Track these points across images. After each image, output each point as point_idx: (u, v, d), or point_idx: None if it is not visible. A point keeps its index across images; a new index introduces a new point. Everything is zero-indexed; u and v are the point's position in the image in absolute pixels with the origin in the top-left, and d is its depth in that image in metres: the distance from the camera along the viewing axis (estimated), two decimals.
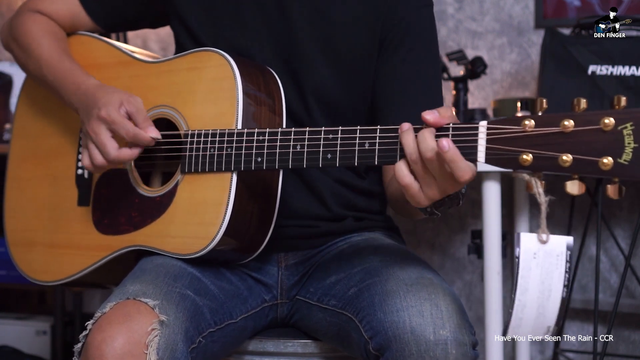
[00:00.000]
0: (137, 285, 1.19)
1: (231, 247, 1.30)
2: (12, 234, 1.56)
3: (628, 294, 2.45)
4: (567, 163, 0.97)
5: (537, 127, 0.99)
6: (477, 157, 1.03)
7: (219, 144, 1.27)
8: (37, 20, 1.51)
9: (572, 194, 0.99)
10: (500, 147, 1.01)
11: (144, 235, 1.34)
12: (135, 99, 1.31)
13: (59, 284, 1.48)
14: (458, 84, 2.32)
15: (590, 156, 0.95)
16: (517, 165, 1.00)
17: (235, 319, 1.31)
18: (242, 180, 1.26)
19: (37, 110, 1.57)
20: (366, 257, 1.32)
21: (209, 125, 1.29)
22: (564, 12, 2.50)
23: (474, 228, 2.48)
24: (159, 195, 1.34)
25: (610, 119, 0.94)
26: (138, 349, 1.09)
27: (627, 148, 0.94)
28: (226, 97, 1.29)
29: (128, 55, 1.46)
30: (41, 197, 1.52)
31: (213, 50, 1.33)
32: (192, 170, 1.30)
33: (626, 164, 0.94)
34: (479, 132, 1.03)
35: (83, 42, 1.53)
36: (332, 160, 1.16)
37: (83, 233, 1.43)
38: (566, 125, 0.96)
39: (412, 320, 1.12)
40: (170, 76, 1.37)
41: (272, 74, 1.35)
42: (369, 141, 1.13)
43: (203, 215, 1.27)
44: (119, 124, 1.28)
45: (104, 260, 1.39)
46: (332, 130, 1.16)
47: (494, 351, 1.94)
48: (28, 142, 1.57)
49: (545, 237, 1.02)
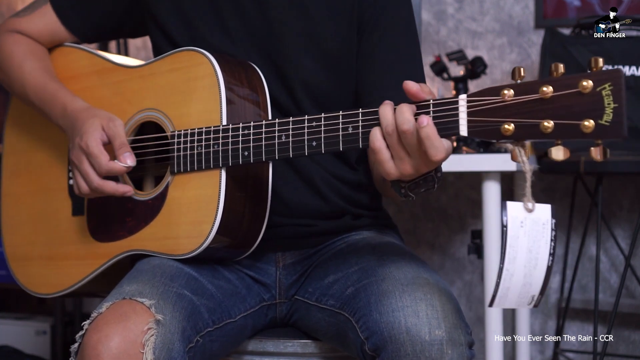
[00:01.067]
0: (134, 286, 1.19)
1: (226, 243, 1.30)
2: (11, 249, 1.57)
3: (628, 294, 2.45)
4: (549, 129, 0.96)
5: (516, 96, 0.99)
6: (459, 131, 1.03)
7: (205, 142, 1.27)
8: (17, 41, 1.51)
9: (557, 159, 0.98)
10: (481, 118, 1.01)
11: (139, 239, 1.34)
12: (114, 123, 1.32)
13: (60, 295, 1.48)
14: (458, 84, 2.32)
15: (571, 120, 0.95)
16: (500, 136, 1.00)
17: (234, 318, 1.31)
18: (231, 176, 1.26)
19: (25, 126, 1.58)
20: (363, 256, 1.32)
21: (195, 124, 1.30)
22: (564, 12, 2.50)
23: (474, 228, 2.48)
24: (151, 198, 1.34)
25: (589, 81, 0.94)
26: (134, 349, 1.09)
27: (607, 109, 0.93)
28: (209, 94, 1.29)
29: (110, 62, 1.46)
30: (36, 210, 1.53)
31: (193, 49, 1.33)
32: (181, 170, 1.30)
33: (607, 124, 0.93)
34: (459, 106, 1.03)
35: (65, 53, 1.53)
36: (318, 147, 1.16)
37: (80, 242, 1.44)
38: (545, 91, 0.96)
39: (408, 320, 1.12)
40: (153, 79, 1.38)
41: (254, 69, 1.35)
42: (352, 125, 1.13)
43: (195, 214, 1.27)
44: (94, 157, 1.29)
45: (102, 267, 1.39)
46: (315, 117, 1.16)
47: (494, 351, 1.94)
48: (19, 158, 1.58)
49: (531, 205, 1.01)
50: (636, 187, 2.45)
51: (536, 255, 1.01)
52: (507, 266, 1.01)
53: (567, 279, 2.47)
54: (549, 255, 1.01)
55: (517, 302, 1.03)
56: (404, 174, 1.08)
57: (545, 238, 1.01)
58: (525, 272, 1.01)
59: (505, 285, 1.02)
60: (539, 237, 1.01)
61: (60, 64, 1.52)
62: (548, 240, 1.01)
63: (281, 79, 1.39)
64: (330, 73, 1.40)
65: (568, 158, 0.99)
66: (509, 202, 1.01)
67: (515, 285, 1.02)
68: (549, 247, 1.01)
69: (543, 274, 1.02)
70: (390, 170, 1.08)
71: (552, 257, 1.01)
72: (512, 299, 1.03)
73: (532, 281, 1.02)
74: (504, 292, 1.02)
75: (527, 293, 1.03)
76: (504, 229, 1.01)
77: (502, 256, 1.01)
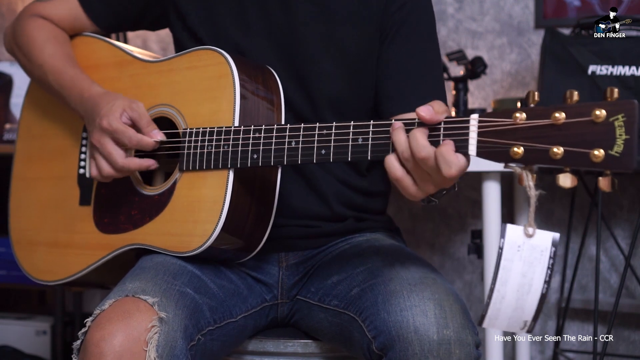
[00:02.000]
0: (137, 283, 1.19)
1: (229, 245, 1.30)
2: (17, 233, 1.57)
3: (628, 294, 2.45)
4: (558, 155, 0.96)
5: (528, 120, 0.98)
6: (468, 150, 1.03)
7: (216, 142, 1.27)
8: (39, 26, 1.51)
9: (564, 187, 0.98)
10: (491, 140, 1.01)
11: (143, 233, 1.34)
12: (136, 104, 1.32)
13: (61, 283, 1.48)
14: (458, 84, 2.32)
15: (581, 148, 0.95)
16: (509, 159, 1.00)
17: (235, 318, 1.31)
18: (239, 178, 1.26)
19: (42, 112, 1.58)
20: (368, 257, 1.32)
21: (207, 123, 1.30)
22: (564, 12, 2.50)
23: (474, 228, 2.48)
24: (158, 193, 1.34)
25: (602, 111, 0.94)
26: (137, 346, 1.09)
27: (619, 140, 0.93)
28: (224, 94, 1.29)
29: (129, 55, 1.47)
30: (45, 197, 1.53)
31: (212, 48, 1.33)
32: (190, 168, 1.30)
33: (617, 155, 0.93)
34: (470, 125, 1.03)
35: (86, 42, 1.54)
36: (326, 155, 1.16)
37: (84, 232, 1.44)
38: (557, 117, 0.96)
39: (416, 319, 1.12)
40: (170, 75, 1.38)
41: (271, 72, 1.35)
42: (362, 136, 1.13)
43: (200, 212, 1.27)
44: (121, 132, 1.29)
45: (104, 259, 1.39)
46: (327, 126, 1.16)
47: (494, 351, 1.94)
48: (33, 143, 1.59)
49: (532, 230, 1.01)
50: (636, 187, 2.45)
51: (530, 281, 1.01)
52: (498, 287, 1.01)
53: (567, 279, 2.47)
54: (544, 282, 1.01)
55: (508, 325, 1.03)
56: (427, 193, 1.08)
57: (542, 265, 1.01)
58: (518, 297, 1.01)
59: (495, 307, 1.02)
60: (536, 264, 1.01)
61: (80, 53, 1.52)
62: (544, 268, 1.01)
63: (299, 80, 1.39)
64: (349, 78, 1.40)
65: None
66: (509, 225, 1.01)
67: (507, 308, 1.02)
68: (544, 275, 1.01)
69: (536, 300, 1.01)
70: (414, 193, 1.08)
71: (547, 284, 1.01)
72: (503, 322, 1.03)
73: (525, 306, 1.01)
74: (495, 313, 1.02)
75: (519, 317, 1.02)
76: (499, 251, 1.01)
77: (494, 277, 1.01)
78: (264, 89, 1.32)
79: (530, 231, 1.01)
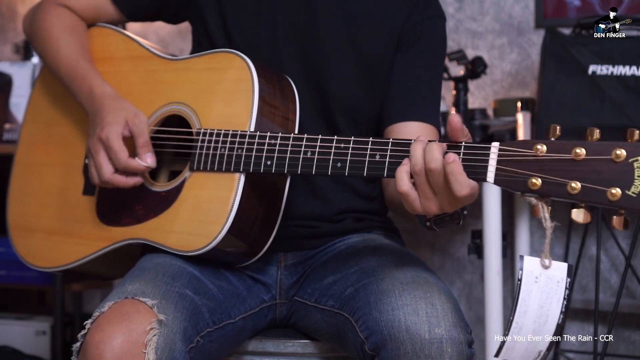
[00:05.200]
0: (136, 285, 1.19)
1: (232, 248, 1.30)
2: (14, 217, 1.55)
3: (628, 294, 2.44)
4: (576, 190, 0.97)
5: (548, 153, 0.99)
6: (486, 177, 1.04)
7: (230, 144, 1.27)
8: (60, 14, 1.51)
9: (577, 221, 1.00)
10: (510, 169, 1.02)
11: (146, 229, 1.34)
12: (140, 119, 1.31)
13: (56, 270, 1.47)
14: (458, 84, 2.32)
15: (599, 185, 0.96)
16: (526, 189, 1.01)
17: (233, 319, 1.31)
18: (249, 182, 1.26)
19: (52, 98, 1.57)
20: (363, 257, 1.32)
21: (221, 125, 1.29)
22: (564, 12, 2.50)
23: (474, 228, 2.48)
24: (165, 190, 1.33)
25: (622, 151, 0.95)
26: (136, 349, 1.09)
27: (637, 181, 0.95)
28: (242, 98, 1.29)
29: (146, 49, 1.46)
30: (47, 183, 1.52)
31: (232, 52, 1.33)
32: (200, 169, 1.30)
33: (634, 196, 0.94)
34: (491, 152, 1.04)
35: (102, 34, 1.53)
36: (342, 169, 1.16)
37: (85, 222, 1.43)
38: (578, 153, 0.97)
39: (407, 319, 1.12)
40: (188, 74, 1.38)
41: (288, 81, 1.36)
42: (380, 153, 1.13)
43: (207, 213, 1.27)
44: (114, 152, 1.29)
45: (103, 250, 1.38)
46: (345, 139, 1.16)
47: (494, 351, 1.94)
48: (40, 128, 1.57)
49: (548, 262, 1.02)
50: None
51: (547, 312, 1.02)
52: (517, 319, 1.02)
53: None
54: (560, 313, 1.02)
55: (523, 355, 1.04)
56: (428, 212, 1.09)
57: (558, 296, 1.02)
58: (535, 328, 1.02)
59: (513, 339, 1.03)
60: (552, 295, 1.02)
61: (96, 44, 1.51)
62: (561, 299, 1.02)
63: (314, 79, 1.39)
64: (364, 81, 1.41)
65: None
66: (526, 256, 1.03)
67: (523, 339, 1.03)
68: (560, 306, 1.02)
69: (552, 330, 1.03)
70: (416, 208, 1.09)
71: (563, 315, 1.02)
72: (518, 352, 1.04)
73: (541, 337, 1.03)
74: (512, 345, 1.03)
75: (534, 348, 1.03)
76: (517, 283, 1.02)
77: (513, 309, 1.02)
78: (281, 96, 1.32)
79: (547, 262, 1.02)
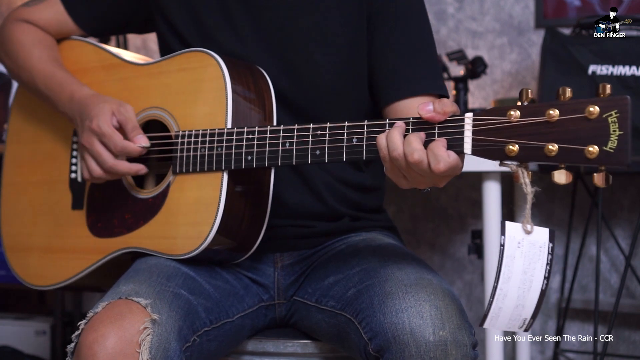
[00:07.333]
0: (130, 285, 1.19)
1: (224, 246, 1.30)
2: (9, 239, 1.57)
3: (628, 294, 2.44)
4: (553, 152, 0.97)
5: (522, 117, 0.99)
6: (463, 149, 1.04)
7: (209, 144, 1.27)
8: (26, 30, 1.51)
9: (559, 183, 0.99)
10: (486, 138, 1.02)
11: (137, 237, 1.34)
12: (125, 108, 1.32)
13: (55, 288, 1.48)
14: (458, 84, 2.32)
15: (576, 145, 0.95)
16: (504, 156, 1.01)
17: (232, 318, 1.31)
18: (233, 180, 1.26)
19: (31, 116, 1.58)
20: (364, 257, 1.31)
21: (199, 125, 1.30)
22: (564, 12, 2.50)
23: (474, 228, 2.48)
24: (151, 196, 1.34)
25: (595, 107, 0.95)
26: (130, 348, 1.09)
27: (612, 136, 0.94)
28: (216, 97, 1.29)
29: (118, 58, 1.46)
30: (37, 202, 1.53)
31: (202, 50, 1.33)
32: (183, 171, 1.30)
33: (612, 151, 0.94)
34: (465, 124, 1.04)
35: (73, 46, 1.54)
36: (321, 156, 1.16)
37: (78, 237, 1.44)
38: (551, 114, 0.97)
39: (412, 321, 1.12)
40: (161, 78, 1.38)
41: (261, 73, 1.35)
42: (356, 136, 1.13)
43: (195, 215, 1.27)
44: (108, 137, 1.30)
45: (98, 263, 1.39)
46: (320, 126, 1.16)
47: (494, 351, 1.94)
48: (23, 148, 1.58)
49: (530, 227, 1.02)
50: (636, 187, 2.45)
51: (531, 277, 1.02)
52: (501, 285, 1.01)
53: (568, 279, 2.47)
54: (544, 278, 1.02)
55: (508, 324, 1.03)
56: (419, 187, 1.11)
57: (541, 261, 1.02)
58: (519, 294, 1.02)
59: (497, 306, 1.02)
60: (535, 260, 1.02)
61: (67, 57, 1.52)
62: (544, 264, 1.02)
63: (293, 74, 1.38)
64: (341, 68, 1.39)
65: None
66: (508, 222, 1.02)
67: (508, 306, 1.02)
68: (544, 271, 1.02)
69: (536, 297, 1.02)
70: (405, 186, 1.11)
71: (546, 280, 1.02)
72: (503, 320, 1.03)
73: (525, 303, 1.02)
74: (496, 312, 1.02)
75: (519, 315, 1.03)
76: (501, 248, 1.01)
77: (497, 275, 1.01)
78: (255, 89, 1.32)
79: (529, 227, 1.02)
